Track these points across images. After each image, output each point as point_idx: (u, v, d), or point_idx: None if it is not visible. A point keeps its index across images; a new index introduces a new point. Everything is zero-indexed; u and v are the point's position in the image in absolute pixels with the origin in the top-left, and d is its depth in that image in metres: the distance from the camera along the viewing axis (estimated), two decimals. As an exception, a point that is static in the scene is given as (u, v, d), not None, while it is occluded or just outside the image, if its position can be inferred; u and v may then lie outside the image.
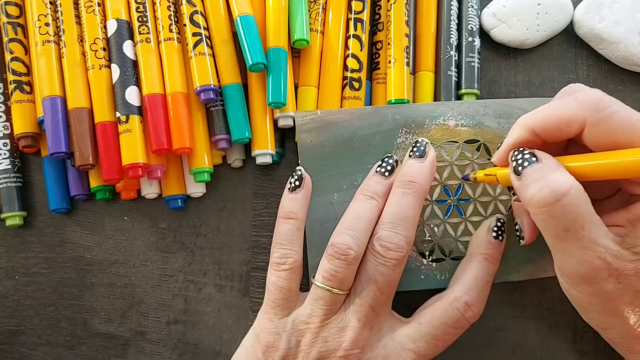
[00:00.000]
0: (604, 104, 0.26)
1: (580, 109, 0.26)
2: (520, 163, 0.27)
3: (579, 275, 0.27)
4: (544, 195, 0.25)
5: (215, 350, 0.36)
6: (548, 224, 0.26)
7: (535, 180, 0.26)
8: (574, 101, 0.27)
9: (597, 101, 0.26)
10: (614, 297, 0.27)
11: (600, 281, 0.26)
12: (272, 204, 0.36)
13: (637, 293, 0.27)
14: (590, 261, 0.26)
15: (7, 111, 0.36)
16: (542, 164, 0.27)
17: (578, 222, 0.25)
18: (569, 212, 0.25)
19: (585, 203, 0.25)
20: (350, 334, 0.30)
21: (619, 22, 0.37)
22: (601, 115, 0.26)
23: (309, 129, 0.34)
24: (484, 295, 0.31)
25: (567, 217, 0.25)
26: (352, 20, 0.37)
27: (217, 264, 0.37)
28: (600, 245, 0.26)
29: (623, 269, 0.26)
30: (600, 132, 0.26)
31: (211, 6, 0.35)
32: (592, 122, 0.26)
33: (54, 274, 0.37)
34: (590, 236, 0.26)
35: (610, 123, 0.26)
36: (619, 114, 0.26)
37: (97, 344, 0.36)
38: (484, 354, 0.36)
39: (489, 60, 0.39)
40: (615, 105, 0.26)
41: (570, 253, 0.26)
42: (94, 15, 0.35)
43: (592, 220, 0.26)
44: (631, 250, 0.26)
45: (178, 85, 0.35)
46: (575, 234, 0.26)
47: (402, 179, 0.31)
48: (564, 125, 0.27)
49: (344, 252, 0.30)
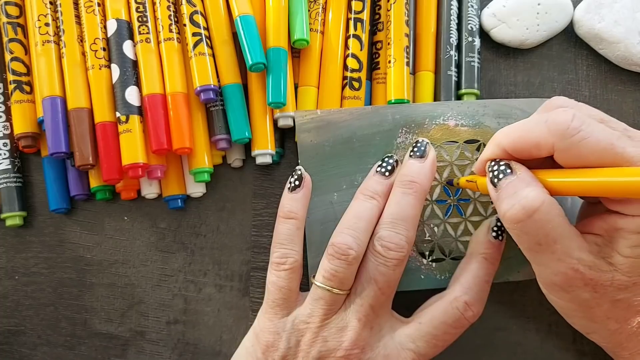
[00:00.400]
0: (572, 130, 0.25)
1: (549, 134, 0.26)
2: (496, 175, 0.27)
3: (555, 284, 0.27)
4: (516, 212, 0.26)
5: (215, 350, 0.36)
6: (521, 239, 0.27)
7: (508, 195, 0.26)
8: (544, 125, 0.26)
9: (565, 127, 0.25)
10: (591, 304, 0.27)
11: (576, 289, 0.27)
12: (272, 204, 0.36)
13: (614, 302, 0.27)
14: (564, 272, 0.26)
15: (7, 111, 0.36)
16: (516, 176, 0.27)
17: (550, 237, 0.26)
18: (541, 227, 0.25)
19: (558, 217, 0.25)
20: (351, 333, 0.30)
21: (618, 22, 0.37)
22: (569, 142, 0.25)
23: (308, 129, 0.34)
24: (483, 295, 0.31)
25: (539, 233, 0.26)
26: (352, 20, 0.37)
27: (217, 264, 0.37)
28: (574, 257, 0.26)
29: (597, 279, 0.26)
30: (570, 157, 0.25)
31: (211, 6, 0.35)
32: (560, 148, 0.25)
33: (53, 274, 0.37)
34: (564, 249, 0.26)
35: (578, 150, 0.25)
36: (586, 141, 0.25)
37: (97, 344, 0.36)
38: (483, 354, 0.36)
39: (488, 60, 0.39)
40: (584, 131, 0.25)
41: (545, 264, 0.27)
42: (94, 15, 0.35)
43: (565, 234, 0.26)
44: (606, 260, 0.26)
45: (178, 85, 0.35)
46: (548, 247, 0.26)
47: (403, 179, 0.31)
48: (534, 149, 0.26)
49: (344, 252, 0.30)
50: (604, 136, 0.25)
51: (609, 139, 0.25)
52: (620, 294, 0.27)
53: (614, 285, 0.26)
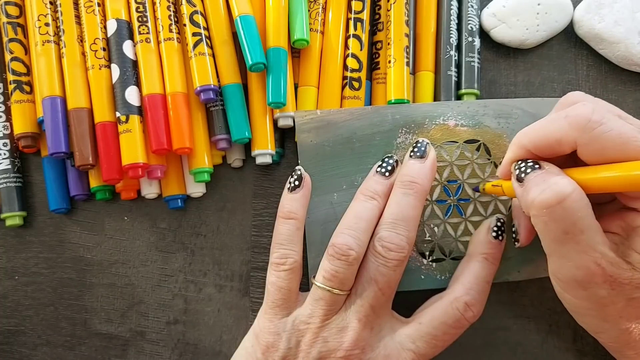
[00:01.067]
0: (593, 123, 0.25)
1: (570, 129, 0.25)
2: (523, 170, 0.27)
3: (575, 279, 0.27)
4: (547, 197, 0.25)
5: (215, 350, 0.36)
6: (548, 227, 0.26)
7: (537, 183, 0.26)
8: (564, 120, 0.26)
9: (587, 121, 0.25)
10: (606, 302, 0.27)
11: (595, 286, 0.27)
12: (272, 204, 0.36)
13: (629, 300, 0.27)
14: (587, 266, 0.26)
15: (7, 111, 0.36)
16: (544, 170, 0.27)
17: (578, 226, 0.25)
18: (570, 215, 0.25)
19: (586, 207, 0.25)
20: (351, 334, 0.30)
21: (619, 22, 0.37)
22: (591, 135, 0.25)
23: (308, 129, 0.34)
24: (484, 295, 0.31)
25: (568, 220, 0.25)
26: (352, 20, 0.37)
27: (217, 264, 0.37)
28: (598, 250, 0.26)
29: (617, 276, 0.26)
30: (593, 151, 0.25)
31: (211, 6, 0.35)
32: (583, 142, 0.25)
33: (53, 274, 0.37)
34: (589, 241, 0.26)
35: (601, 143, 0.25)
36: (608, 134, 0.25)
37: (97, 344, 0.36)
38: (484, 354, 0.36)
39: (488, 60, 0.39)
40: (606, 125, 0.25)
41: (568, 256, 0.27)
42: (94, 15, 0.35)
43: (592, 226, 0.26)
44: (625, 259, 0.26)
45: (178, 85, 0.35)
46: (574, 237, 0.26)
47: (403, 180, 0.31)
48: (556, 145, 0.26)
49: (344, 253, 0.30)
50: (626, 129, 0.25)
51: (631, 132, 0.25)
52: (637, 293, 0.26)
53: (632, 284, 0.26)
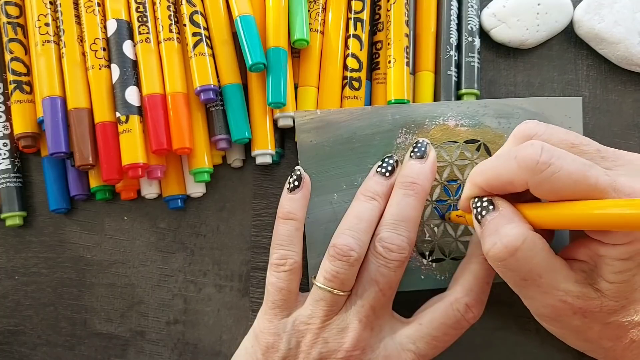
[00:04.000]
0: (541, 165, 0.24)
1: (519, 171, 0.25)
2: (480, 212, 0.27)
3: (545, 315, 0.28)
4: (498, 251, 0.25)
5: (215, 350, 0.36)
6: (506, 276, 0.27)
7: (491, 233, 0.26)
8: (514, 161, 0.25)
9: (535, 163, 0.24)
10: (583, 329, 0.27)
11: (566, 318, 0.27)
12: (272, 204, 0.36)
13: (605, 325, 0.27)
14: (552, 304, 0.27)
15: (7, 111, 0.36)
16: (498, 213, 0.26)
17: (535, 272, 0.26)
18: (524, 264, 0.25)
19: (541, 251, 0.25)
20: (351, 335, 0.30)
21: (619, 22, 0.37)
22: (540, 177, 0.24)
23: (308, 129, 0.34)
24: (484, 296, 0.31)
25: (523, 269, 0.26)
26: (352, 20, 0.37)
27: (217, 264, 0.37)
28: (560, 289, 0.26)
29: (586, 307, 0.26)
30: (545, 192, 0.25)
31: (211, 6, 0.35)
32: (533, 184, 0.25)
33: (53, 274, 0.37)
34: (549, 282, 0.26)
35: (551, 184, 0.24)
36: (558, 175, 0.24)
37: (97, 344, 0.36)
38: (483, 354, 0.36)
39: (488, 60, 0.39)
40: (554, 165, 0.24)
41: (532, 298, 0.27)
42: (94, 15, 0.35)
43: (550, 267, 0.26)
44: (593, 286, 0.26)
45: (178, 85, 0.34)
46: (533, 282, 0.26)
47: (403, 180, 0.31)
48: (509, 186, 0.26)
49: (345, 253, 0.30)
50: (575, 168, 0.24)
51: (580, 171, 0.24)
52: (610, 318, 0.27)
53: (603, 311, 0.26)
